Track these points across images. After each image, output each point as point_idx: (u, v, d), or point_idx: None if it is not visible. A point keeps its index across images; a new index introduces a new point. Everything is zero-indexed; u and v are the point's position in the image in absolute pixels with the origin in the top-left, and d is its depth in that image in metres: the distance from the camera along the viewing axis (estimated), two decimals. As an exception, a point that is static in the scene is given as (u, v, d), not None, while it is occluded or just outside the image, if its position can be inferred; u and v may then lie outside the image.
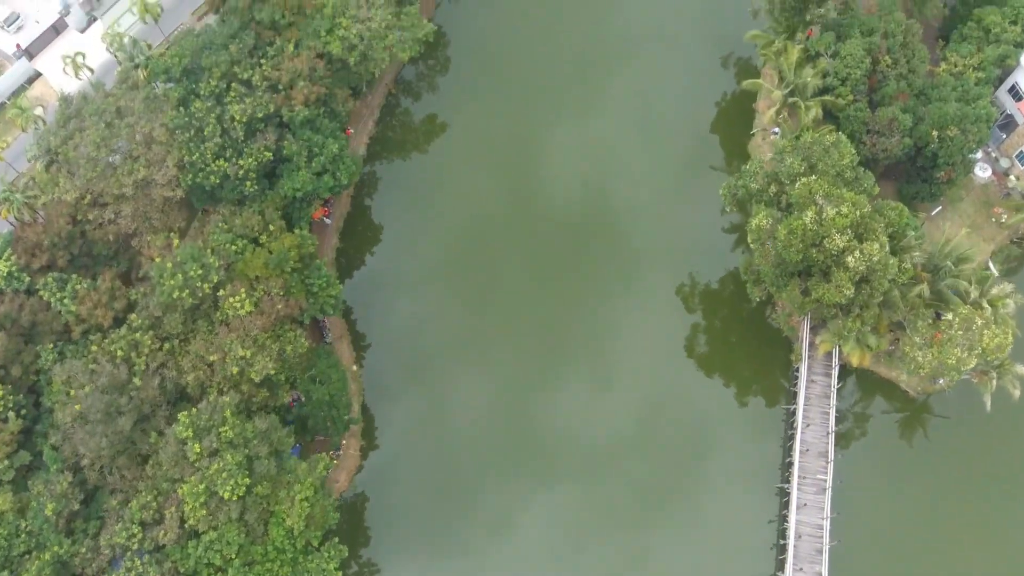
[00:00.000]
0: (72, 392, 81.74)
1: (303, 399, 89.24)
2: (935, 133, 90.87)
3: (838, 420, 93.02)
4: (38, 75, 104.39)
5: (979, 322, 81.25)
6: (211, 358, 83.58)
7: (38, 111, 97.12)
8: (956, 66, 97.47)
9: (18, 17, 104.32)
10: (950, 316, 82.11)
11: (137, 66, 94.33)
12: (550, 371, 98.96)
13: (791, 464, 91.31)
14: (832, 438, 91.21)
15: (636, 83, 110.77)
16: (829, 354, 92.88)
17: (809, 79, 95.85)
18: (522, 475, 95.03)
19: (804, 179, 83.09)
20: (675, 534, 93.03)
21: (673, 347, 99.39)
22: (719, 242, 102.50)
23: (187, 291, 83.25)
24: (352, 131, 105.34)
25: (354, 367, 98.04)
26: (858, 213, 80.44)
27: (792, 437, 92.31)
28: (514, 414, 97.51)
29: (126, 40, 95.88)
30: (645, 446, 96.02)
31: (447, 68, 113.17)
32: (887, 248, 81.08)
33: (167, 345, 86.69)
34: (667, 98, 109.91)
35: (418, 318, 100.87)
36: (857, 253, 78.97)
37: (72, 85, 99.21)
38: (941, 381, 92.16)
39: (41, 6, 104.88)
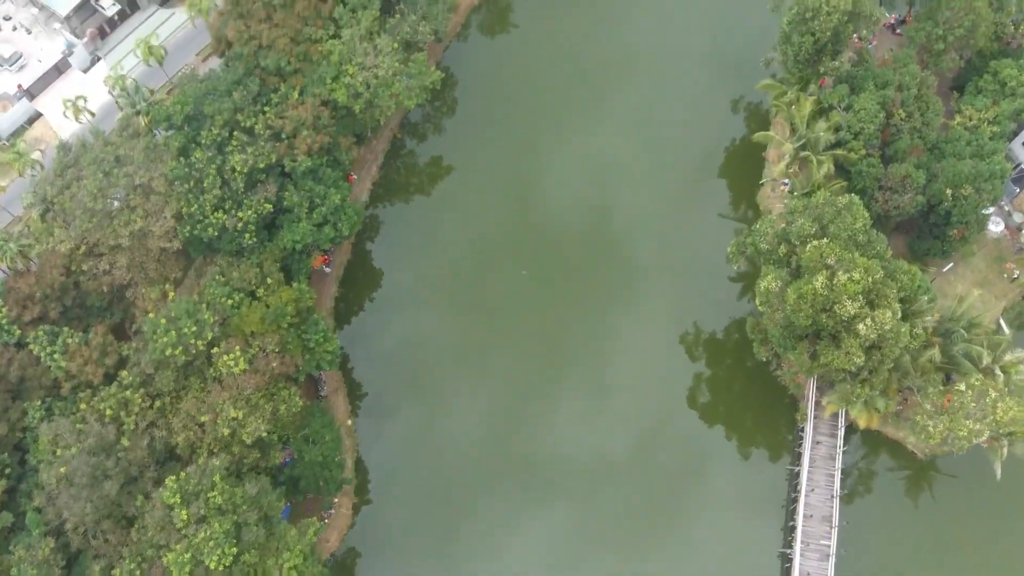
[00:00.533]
0: (59, 452, 79.30)
1: (296, 457, 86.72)
2: (949, 192, 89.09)
3: (842, 476, 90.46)
4: (39, 115, 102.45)
5: (992, 394, 79.00)
6: (202, 418, 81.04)
7: (36, 155, 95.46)
8: (971, 119, 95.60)
9: (20, 56, 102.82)
10: (962, 386, 79.87)
11: (138, 112, 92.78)
12: (550, 404, 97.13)
13: (794, 528, 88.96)
14: (838, 502, 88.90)
15: (645, 125, 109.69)
16: (835, 414, 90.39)
17: (822, 133, 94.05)
18: (522, 517, 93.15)
19: (815, 242, 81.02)
20: (666, 563, 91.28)
21: (672, 373, 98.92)
22: (723, 282, 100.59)
23: (180, 348, 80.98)
24: (355, 177, 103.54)
25: (348, 421, 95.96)
26: (870, 279, 78.35)
27: (796, 500, 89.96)
28: (514, 455, 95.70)
29: (128, 83, 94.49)
30: (639, 471, 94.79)
31: (454, 110, 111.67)
32: (899, 315, 78.91)
33: (158, 403, 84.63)
34: (675, 141, 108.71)
35: (417, 365, 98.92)
36: (868, 321, 76.93)
37: (72, 127, 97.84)
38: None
39: (44, 45, 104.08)
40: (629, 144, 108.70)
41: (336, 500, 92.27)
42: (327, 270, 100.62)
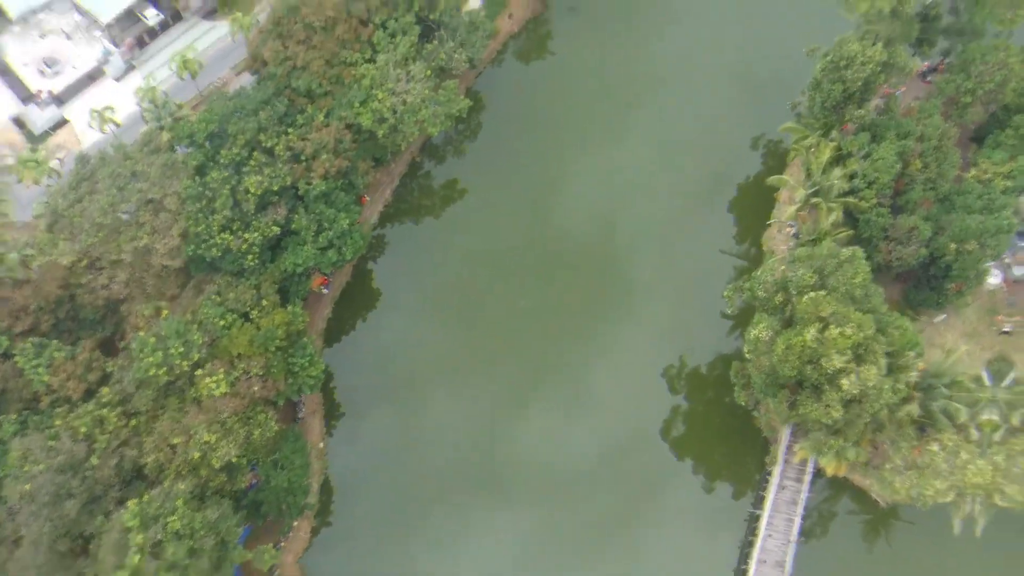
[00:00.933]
0: (27, 467, 79.93)
1: (262, 481, 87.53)
2: (953, 246, 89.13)
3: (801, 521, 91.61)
4: (65, 121, 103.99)
5: (964, 456, 79.59)
6: (175, 440, 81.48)
7: (54, 163, 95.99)
8: (986, 172, 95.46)
9: (57, 61, 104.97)
10: (935, 447, 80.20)
11: (162, 128, 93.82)
12: (528, 418, 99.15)
13: (745, 572, 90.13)
14: (793, 548, 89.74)
15: (665, 151, 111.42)
16: (804, 460, 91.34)
17: (836, 180, 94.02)
18: (484, 525, 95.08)
19: (813, 293, 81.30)
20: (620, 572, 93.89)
21: (651, 396, 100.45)
22: (715, 315, 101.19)
23: (164, 368, 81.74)
24: (368, 199, 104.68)
25: (321, 444, 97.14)
26: (861, 335, 78.71)
27: (751, 543, 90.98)
28: (488, 466, 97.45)
29: (158, 95, 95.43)
30: (605, 485, 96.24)
31: (477, 133, 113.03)
32: (884, 371, 79.20)
33: (133, 422, 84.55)
34: (691, 168, 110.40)
35: (399, 384, 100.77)
36: (853, 377, 77.30)
37: (96, 137, 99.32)
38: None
39: (82, 51, 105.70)
40: (645, 168, 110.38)
41: (296, 523, 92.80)
42: (326, 291, 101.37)
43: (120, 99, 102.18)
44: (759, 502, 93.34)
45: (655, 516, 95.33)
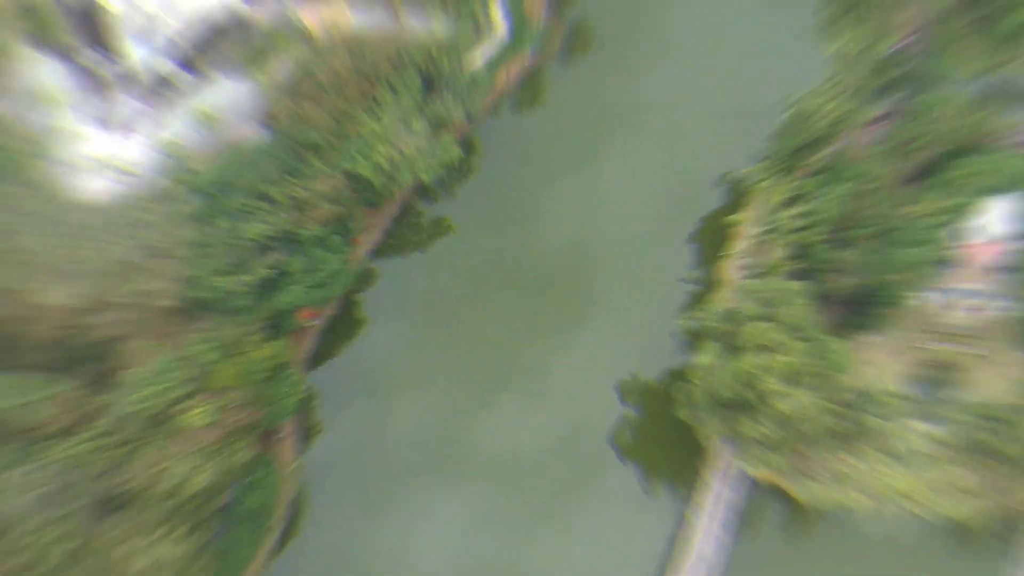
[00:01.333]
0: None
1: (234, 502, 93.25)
2: (885, 277, 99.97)
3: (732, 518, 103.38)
4: None
5: (883, 468, 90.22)
6: (151, 471, 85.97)
7: None
8: (923, 211, 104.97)
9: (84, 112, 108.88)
10: (854, 459, 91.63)
11: (174, 179, 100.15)
12: (492, 414, 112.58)
13: (673, 565, 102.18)
14: (721, 544, 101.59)
15: (641, 179, 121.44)
16: (739, 471, 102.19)
17: (789, 219, 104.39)
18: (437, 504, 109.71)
19: (758, 324, 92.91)
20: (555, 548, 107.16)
21: (602, 399, 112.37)
22: (666, 332, 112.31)
23: (149, 404, 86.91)
24: (361, 239, 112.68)
25: (294, 465, 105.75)
26: (799, 361, 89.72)
27: (683, 539, 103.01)
28: (449, 458, 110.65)
29: (174, 147, 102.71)
30: (550, 471, 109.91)
31: (467, 176, 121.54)
32: (817, 391, 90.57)
33: (113, 452, 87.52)
34: (663, 196, 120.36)
35: (378, 405, 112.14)
36: (789, 399, 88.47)
37: (109, 185, 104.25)
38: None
39: (110, 102, 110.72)
40: (619, 199, 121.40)
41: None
42: (316, 322, 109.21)
43: (136, 150, 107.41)
44: (693, 502, 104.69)
45: (594, 505, 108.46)
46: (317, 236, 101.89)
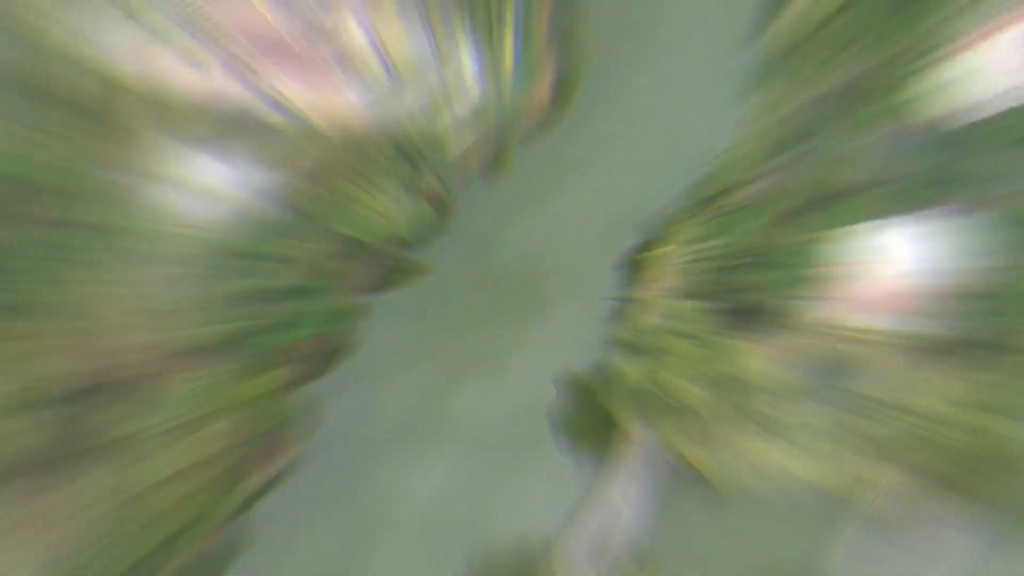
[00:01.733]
0: None
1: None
2: (759, 295, 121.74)
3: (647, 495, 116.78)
4: None
5: (768, 444, 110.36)
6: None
7: None
8: (791, 240, 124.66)
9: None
10: (748, 438, 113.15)
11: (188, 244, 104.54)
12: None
13: (587, 535, 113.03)
14: (634, 520, 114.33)
15: (587, 213, 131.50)
16: (652, 443, 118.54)
17: (696, 252, 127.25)
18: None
19: (669, 335, 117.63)
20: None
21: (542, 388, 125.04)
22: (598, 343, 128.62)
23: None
24: (353, 283, 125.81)
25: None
26: (702, 363, 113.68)
27: (596, 515, 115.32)
28: None
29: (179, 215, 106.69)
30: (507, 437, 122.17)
31: (444, 230, 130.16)
32: (714, 386, 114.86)
33: None
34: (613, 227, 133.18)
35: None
36: (692, 393, 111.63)
37: None
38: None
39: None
40: (578, 229, 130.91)
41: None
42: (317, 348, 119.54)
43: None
44: (609, 476, 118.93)
45: (545, 465, 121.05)
46: (304, 287, 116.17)
